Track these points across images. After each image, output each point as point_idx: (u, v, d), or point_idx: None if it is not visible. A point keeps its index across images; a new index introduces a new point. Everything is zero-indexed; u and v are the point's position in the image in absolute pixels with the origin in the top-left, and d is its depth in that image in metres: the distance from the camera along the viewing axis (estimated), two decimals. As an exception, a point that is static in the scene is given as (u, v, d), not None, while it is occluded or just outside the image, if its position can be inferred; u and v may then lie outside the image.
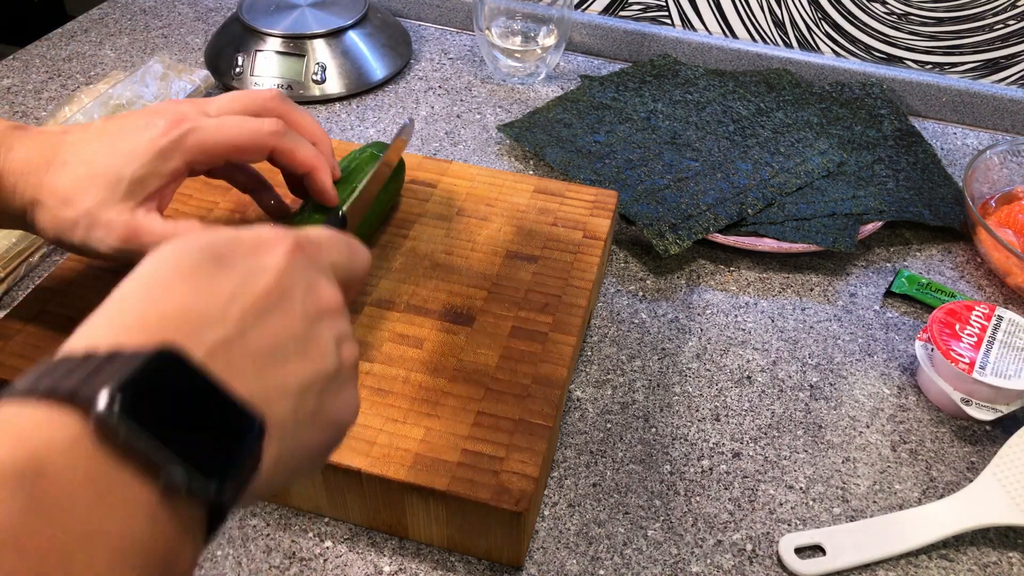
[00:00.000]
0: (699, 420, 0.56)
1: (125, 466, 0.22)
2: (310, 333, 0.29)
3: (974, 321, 0.57)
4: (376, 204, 0.56)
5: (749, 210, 0.69)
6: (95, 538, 0.20)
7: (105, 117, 0.48)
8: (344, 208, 0.48)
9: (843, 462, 0.54)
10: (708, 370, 0.60)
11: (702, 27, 0.91)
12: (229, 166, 0.52)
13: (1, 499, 0.19)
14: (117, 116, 0.47)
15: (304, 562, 0.47)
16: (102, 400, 0.21)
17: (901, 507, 0.52)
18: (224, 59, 0.85)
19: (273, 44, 0.84)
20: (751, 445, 0.55)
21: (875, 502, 0.52)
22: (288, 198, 0.57)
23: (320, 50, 0.84)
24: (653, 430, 0.55)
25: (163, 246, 0.28)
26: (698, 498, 0.51)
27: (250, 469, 0.25)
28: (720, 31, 0.91)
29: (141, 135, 0.45)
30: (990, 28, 0.82)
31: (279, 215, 0.55)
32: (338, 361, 0.31)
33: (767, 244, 0.67)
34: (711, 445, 0.55)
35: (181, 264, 0.28)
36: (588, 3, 0.93)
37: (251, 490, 0.26)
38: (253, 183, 0.54)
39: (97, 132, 0.46)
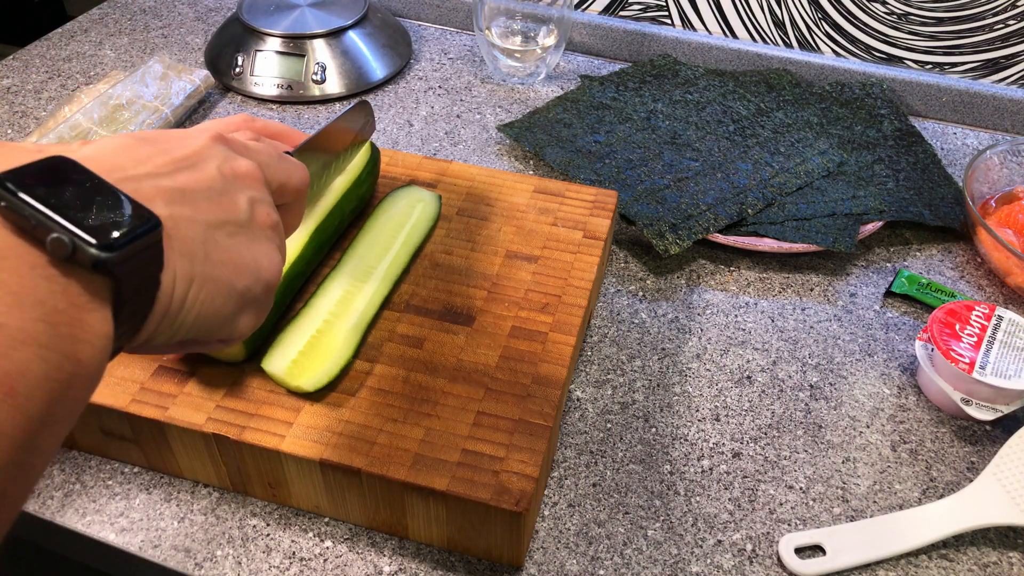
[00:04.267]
0: (699, 420, 0.56)
1: (19, 235, 0.25)
2: (224, 187, 0.33)
3: (974, 321, 0.57)
4: (346, 199, 0.56)
5: (749, 210, 0.69)
6: None
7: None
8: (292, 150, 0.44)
9: (843, 462, 0.54)
10: (708, 370, 0.60)
11: (702, 27, 0.91)
12: None
13: None
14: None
15: (304, 562, 0.47)
16: None
17: (901, 507, 0.52)
18: (224, 59, 0.85)
19: (273, 44, 0.84)
20: (751, 445, 0.55)
21: (875, 502, 0.52)
22: None
23: (320, 50, 0.84)
24: (653, 430, 0.55)
25: (96, 141, 0.31)
26: (698, 498, 0.51)
27: (148, 257, 0.28)
28: (720, 31, 0.91)
29: None
30: (990, 28, 0.82)
31: None
32: (250, 215, 0.34)
33: (767, 244, 0.67)
34: (711, 445, 0.55)
35: (109, 143, 0.30)
36: (588, 3, 0.93)
37: (171, 304, 0.29)
38: None
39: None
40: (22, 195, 0.25)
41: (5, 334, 0.23)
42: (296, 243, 0.52)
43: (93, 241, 0.25)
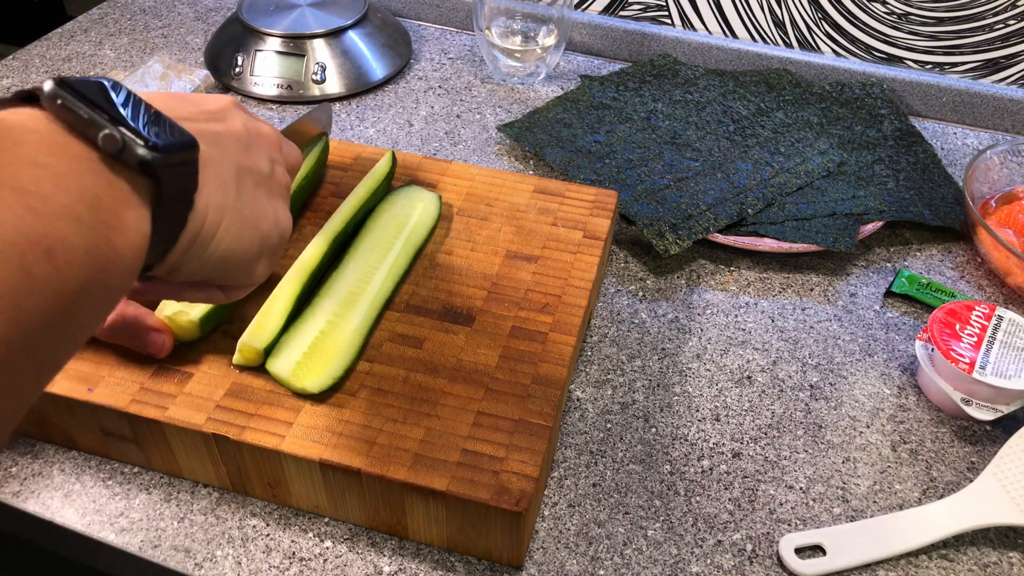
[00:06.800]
0: (699, 420, 0.56)
1: (72, 134, 0.27)
2: (249, 142, 0.37)
3: (974, 321, 0.57)
4: (363, 208, 0.57)
5: (749, 210, 0.69)
6: (45, 168, 0.26)
7: None
8: None
9: (843, 462, 0.54)
10: (708, 370, 0.59)
11: (702, 27, 0.91)
12: None
13: None
14: None
15: (304, 562, 0.47)
16: (48, 84, 0.28)
17: (901, 507, 0.52)
18: (224, 59, 0.85)
19: (273, 44, 0.84)
20: (751, 445, 0.55)
21: (875, 502, 0.52)
22: None
23: (320, 50, 0.84)
24: (653, 430, 0.55)
25: None
26: (698, 498, 0.51)
27: (186, 171, 0.31)
28: (720, 31, 0.91)
29: None
30: (990, 28, 0.82)
31: None
32: (271, 172, 0.38)
33: (767, 244, 0.67)
34: (711, 445, 0.55)
35: (142, 96, 0.32)
36: (588, 3, 0.93)
37: (203, 229, 0.32)
38: None
39: None
40: (75, 96, 0.27)
41: (49, 204, 0.25)
42: (314, 251, 0.53)
43: (141, 141, 0.28)
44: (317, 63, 0.84)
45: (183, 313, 0.49)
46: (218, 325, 0.51)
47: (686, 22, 0.91)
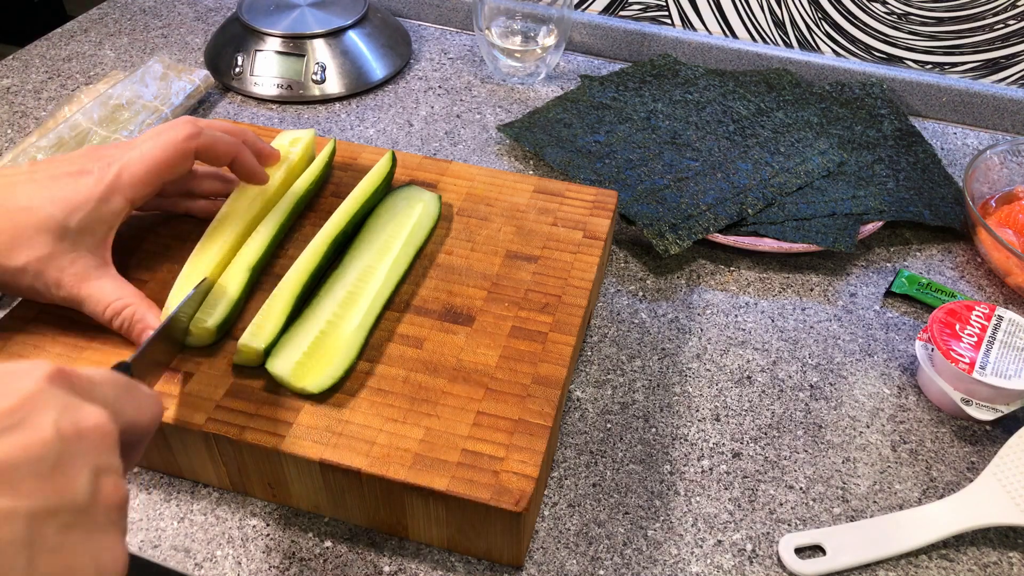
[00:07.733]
0: (699, 420, 0.56)
1: None
2: (60, 456, 0.26)
3: (974, 321, 0.57)
4: (363, 208, 0.57)
5: (749, 210, 0.69)
6: None
7: (30, 162, 0.49)
8: (130, 358, 0.41)
9: (843, 462, 0.54)
10: (708, 370, 0.60)
11: (702, 27, 0.91)
12: (176, 191, 0.55)
13: None
14: (43, 161, 0.47)
15: (304, 562, 0.47)
16: None
17: (901, 507, 0.52)
18: (224, 59, 0.85)
19: (273, 44, 0.84)
20: (751, 445, 0.55)
21: (875, 502, 0.52)
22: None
23: (320, 50, 0.84)
24: (653, 430, 0.55)
25: None
26: (698, 498, 0.51)
27: None
28: (720, 31, 0.91)
29: (78, 182, 0.45)
30: (990, 28, 0.82)
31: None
32: (91, 495, 0.27)
33: (767, 244, 0.67)
34: (711, 445, 0.55)
35: None
36: (588, 3, 0.93)
37: None
38: (195, 195, 0.58)
39: (27, 176, 0.45)
40: None
41: None
42: (314, 251, 0.53)
43: None
44: (317, 63, 0.84)
45: (199, 321, 0.49)
46: (230, 329, 0.51)
47: (686, 22, 0.91)
